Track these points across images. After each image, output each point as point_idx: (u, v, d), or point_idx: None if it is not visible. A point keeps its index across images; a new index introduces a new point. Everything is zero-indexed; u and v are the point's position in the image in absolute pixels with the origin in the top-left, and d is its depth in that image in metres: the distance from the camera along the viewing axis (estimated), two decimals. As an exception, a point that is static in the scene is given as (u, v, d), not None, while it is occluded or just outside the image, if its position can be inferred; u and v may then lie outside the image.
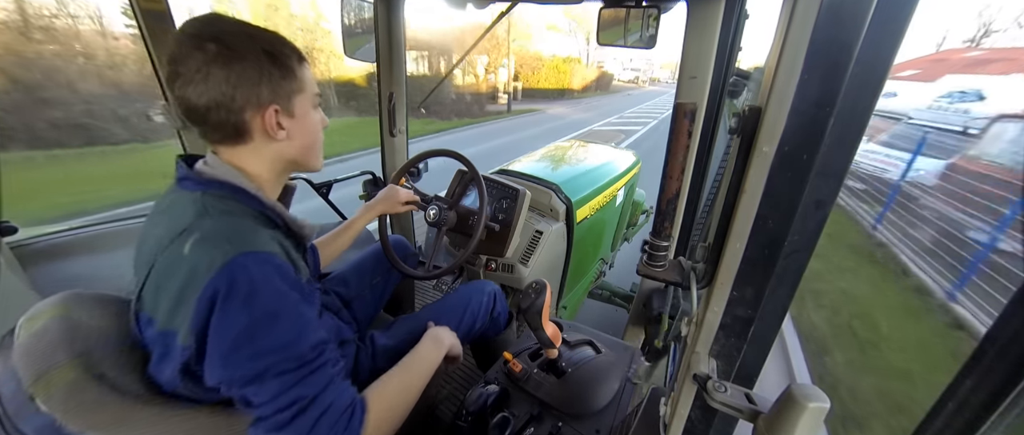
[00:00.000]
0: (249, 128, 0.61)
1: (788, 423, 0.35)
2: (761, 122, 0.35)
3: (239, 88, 0.57)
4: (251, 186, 0.63)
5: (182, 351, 0.53)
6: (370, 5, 1.45)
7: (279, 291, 0.54)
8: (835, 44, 0.29)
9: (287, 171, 0.71)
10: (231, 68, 0.56)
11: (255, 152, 0.64)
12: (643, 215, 2.74)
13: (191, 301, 0.51)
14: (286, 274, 0.56)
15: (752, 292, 0.40)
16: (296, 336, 0.54)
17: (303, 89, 0.64)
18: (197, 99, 0.57)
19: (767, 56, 0.37)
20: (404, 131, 1.71)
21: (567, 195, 1.58)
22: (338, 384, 0.58)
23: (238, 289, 0.51)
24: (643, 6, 1.18)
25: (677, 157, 0.44)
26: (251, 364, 0.51)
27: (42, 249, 1.17)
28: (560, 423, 0.81)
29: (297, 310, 0.56)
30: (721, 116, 1.39)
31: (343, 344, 0.85)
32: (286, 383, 0.53)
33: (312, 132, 0.68)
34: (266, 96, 0.60)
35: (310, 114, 0.67)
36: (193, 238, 0.54)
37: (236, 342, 0.51)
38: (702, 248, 0.46)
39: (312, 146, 0.69)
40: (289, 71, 0.61)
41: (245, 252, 0.53)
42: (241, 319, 0.51)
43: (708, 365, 0.45)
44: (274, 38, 0.61)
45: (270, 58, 0.59)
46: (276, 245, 0.59)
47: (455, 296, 1.06)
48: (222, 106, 0.57)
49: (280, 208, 0.66)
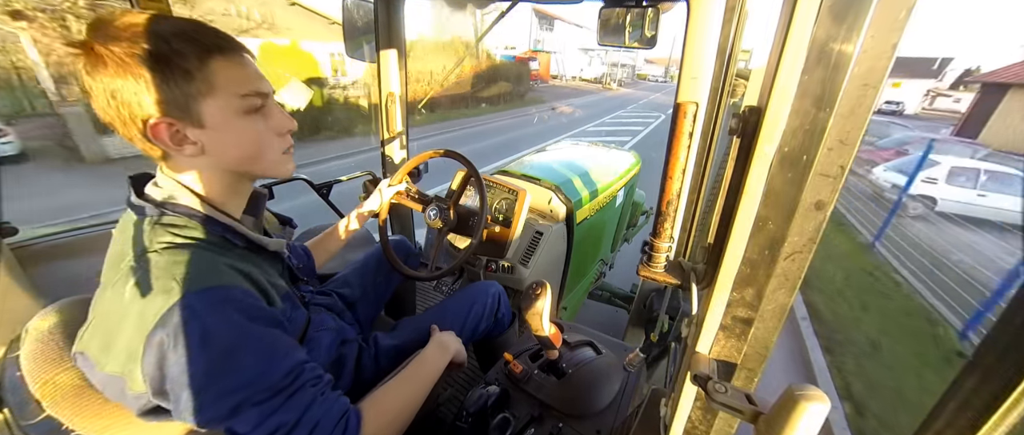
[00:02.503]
0: (155, 144, 0.53)
1: (788, 423, 0.35)
2: (761, 122, 0.35)
3: (118, 100, 0.49)
4: (201, 206, 0.56)
5: (136, 398, 0.50)
6: (370, 5, 1.45)
7: (237, 326, 0.50)
8: (835, 44, 0.29)
9: (242, 181, 0.63)
10: (102, 75, 0.48)
11: (183, 167, 0.56)
12: (643, 216, 2.74)
13: (137, 349, 0.47)
14: (245, 305, 0.52)
15: (752, 293, 0.40)
16: (264, 367, 0.50)
17: (212, 92, 0.52)
18: (102, 115, 0.51)
19: (767, 56, 0.37)
20: (404, 131, 1.71)
21: (567, 196, 1.58)
22: (323, 401, 0.55)
23: (189, 334, 0.47)
24: (643, 6, 1.18)
25: (677, 157, 0.44)
26: (221, 404, 0.48)
27: (43, 250, 1.18)
28: (560, 424, 0.81)
29: (260, 340, 0.51)
30: (721, 116, 1.39)
31: (346, 344, 0.84)
32: (264, 412, 0.50)
33: (244, 142, 0.57)
34: (149, 107, 0.49)
35: (236, 121, 0.55)
36: (133, 280, 0.49)
37: (200, 386, 0.47)
38: (702, 249, 0.46)
39: (252, 157, 0.59)
40: (182, 73, 0.50)
41: (193, 292, 0.48)
42: (198, 364, 0.47)
43: (708, 366, 0.44)
44: (166, 32, 0.49)
45: (149, 60, 0.48)
46: (234, 273, 0.54)
47: (459, 297, 1.06)
48: (114, 120, 0.51)
49: (240, 226, 0.60)
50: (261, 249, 0.64)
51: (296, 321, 0.68)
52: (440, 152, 1.30)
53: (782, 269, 0.38)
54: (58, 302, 0.62)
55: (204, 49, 0.51)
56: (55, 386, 0.53)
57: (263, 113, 0.58)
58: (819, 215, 0.35)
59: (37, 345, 0.56)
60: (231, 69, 0.54)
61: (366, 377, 0.85)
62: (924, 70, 32.28)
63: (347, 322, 0.92)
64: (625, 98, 21.73)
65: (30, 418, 0.52)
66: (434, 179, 1.64)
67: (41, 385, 0.53)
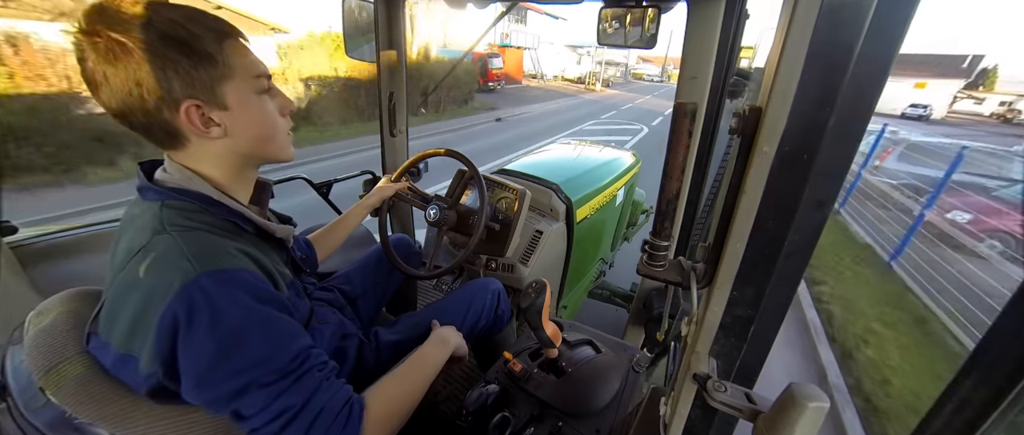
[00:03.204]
0: (178, 129, 0.54)
1: (788, 423, 0.35)
2: (761, 122, 0.35)
3: (143, 86, 0.49)
4: (213, 192, 0.57)
5: (148, 377, 0.51)
6: (370, 5, 1.45)
7: (246, 308, 0.50)
8: (835, 44, 0.29)
9: (250, 166, 0.64)
10: (125, 63, 0.48)
11: (198, 154, 0.57)
12: (643, 215, 2.75)
13: (150, 327, 0.48)
14: (255, 288, 0.53)
15: (752, 292, 0.40)
16: (272, 350, 0.51)
17: (232, 74, 0.55)
18: (109, 103, 0.50)
19: (767, 56, 0.37)
20: (404, 131, 1.71)
21: (567, 195, 1.58)
22: (328, 386, 0.56)
23: (201, 313, 0.47)
24: (643, 6, 1.18)
25: (677, 157, 0.44)
26: (229, 383, 0.49)
27: (42, 249, 1.17)
28: (560, 423, 0.82)
29: (270, 323, 0.52)
30: (721, 116, 1.40)
31: (347, 338, 0.85)
32: (271, 394, 0.51)
33: (261, 122, 0.60)
34: (179, 91, 0.51)
35: (253, 101, 0.58)
36: (149, 259, 0.50)
37: (210, 366, 0.48)
38: (702, 248, 0.46)
39: (267, 137, 0.61)
40: (205, 57, 0.52)
41: (205, 272, 0.49)
42: (209, 344, 0.48)
43: (708, 365, 0.45)
44: (182, 17, 0.51)
45: (174, 44, 0.49)
46: (243, 257, 0.55)
47: (459, 294, 1.06)
48: (135, 108, 0.51)
49: (249, 212, 0.61)
50: (268, 236, 0.65)
51: (300, 310, 0.68)
52: (441, 151, 1.30)
53: (782, 268, 0.38)
54: (63, 292, 0.62)
55: (220, 33, 0.54)
56: (60, 375, 0.53)
57: (271, 93, 0.61)
58: (819, 214, 0.35)
59: (42, 335, 0.56)
60: (242, 52, 0.56)
61: (367, 371, 0.85)
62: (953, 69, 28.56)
63: (348, 317, 0.92)
64: (606, 102, 17.50)
65: (34, 407, 0.53)
66: (434, 179, 1.64)
67: (46, 374, 0.53)
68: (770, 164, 0.34)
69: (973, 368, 0.35)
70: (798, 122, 0.32)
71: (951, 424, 0.36)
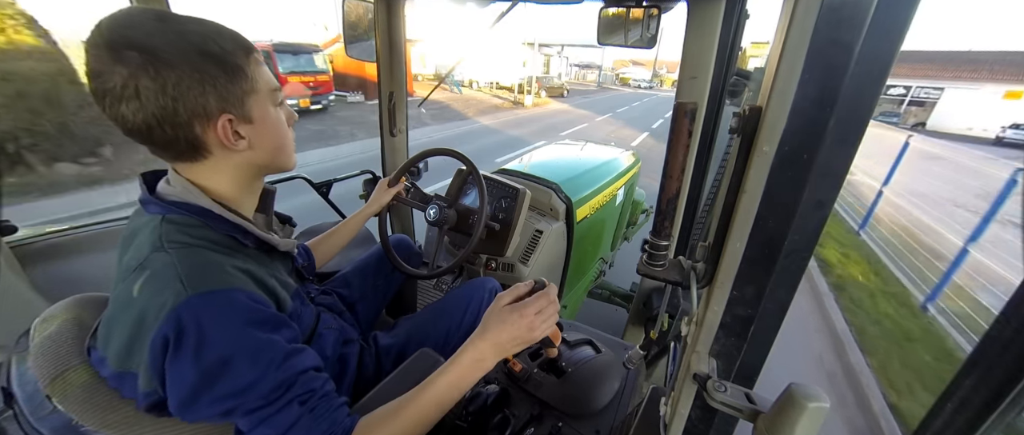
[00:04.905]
0: (204, 142, 0.54)
1: (788, 423, 0.35)
2: (761, 122, 0.35)
3: (180, 101, 0.49)
4: (213, 205, 0.57)
5: (147, 396, 0.51)
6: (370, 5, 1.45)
7: (235, 333, 0.49)
8: (835, 44, 0.29)
9: (259, 177, 0.65)
10: (164, 78, 0.47)
11: (216, 167, 0.57)
12: (643, 214, 2.75)
13: (144, 346, 0.48)
14: (247, 309, 0.51)
15: (752, 291, 0.40)
16: (257, 377, 0.50)
17: (257, 88, 0.56)
18: (133, 117, 0.49)
19: (767, 56, 0.37)
20: (404, 131, 1.71)
21: (567, 194, 1.58)
22: (311, 417, 0.52)
23: (187, 337, 0.47)
24: (643, 6, 1.18)
25: (677, 157, 0.44)
26: (213, 409, 0.49)
27: (42, 249, 1.17)
28: (560, 423, 0.82)
29: (259, 349, 0.50)
30: (721, 116, 1.40)
31: (348, 344, 0.84)
32: (254, 421, 0.50)
33: (277, 134, 0.61)
34: (214, 105, 0.51)
35: (271, 114, 0.59)
36: (144, 277, 0.50)
37: (193, 391, 0.48)
38: (702, 247, 0.46)
39: (280, 148, 0.62)
40: (237, 71, 0.53)
41: (197, 293, 0.48)
42: (193, 371, 0.47)
43: (708, 365, 0.45)
44: (210, 32, 0.51)
45: (210, 59, 0.50)
46: (240, 275, 0.54)
47: (456, 294, 1.06)
48: (165, 122, 0.50)
49: (250, 226, 0.60)
50: (272, 249, 0.65)
51: (306, 318, 0.68)
52: (440, 151, 1.30)
53: (782, 268, 0.38)
54: (68, 299, 0.62)
55: (245, 48, 0.54)
56: (66, 383, 0.54)
57: (281, 106, 0.63)
58: (819, 214, 0.35)
59: (47, 341, 0.56)
60: (260, 66, 0.57)
61: (367, 378, 0.85)
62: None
63: (348, 322, 0.92)
64: (501, 136, 9.20)
65: (40, 414, 0.53)
66: (434, 178, 1.64)
67: (52, 382, 0.53)
68: (770, 164, 0.34)
69: (973, 368, 0.34)
70: (798, 122, 0.32)
71: (951, 424, 0.36)
